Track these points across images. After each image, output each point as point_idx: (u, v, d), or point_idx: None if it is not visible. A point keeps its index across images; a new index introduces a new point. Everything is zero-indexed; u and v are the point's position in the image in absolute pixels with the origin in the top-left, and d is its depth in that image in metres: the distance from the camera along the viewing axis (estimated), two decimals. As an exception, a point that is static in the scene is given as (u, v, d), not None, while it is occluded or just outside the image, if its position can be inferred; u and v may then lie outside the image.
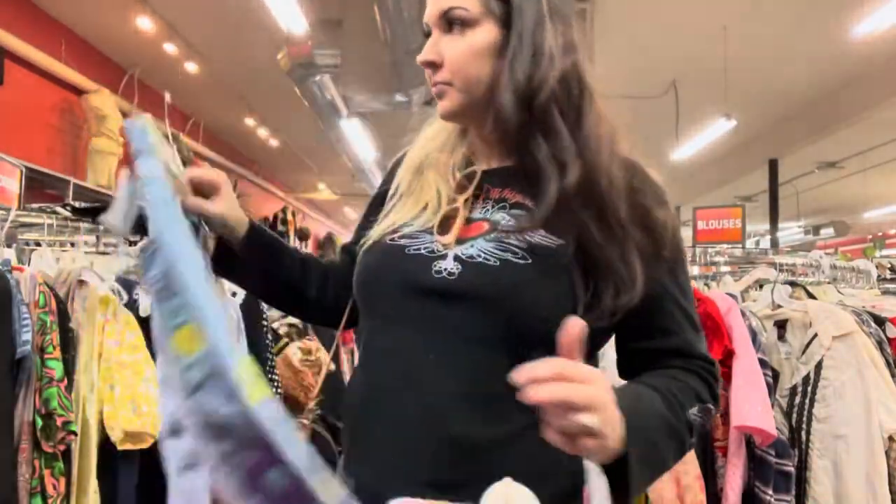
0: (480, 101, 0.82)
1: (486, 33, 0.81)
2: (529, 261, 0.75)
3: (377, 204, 0.93)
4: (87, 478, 1.47)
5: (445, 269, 0.76)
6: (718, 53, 5.38)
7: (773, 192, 8.03)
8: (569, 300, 0.75)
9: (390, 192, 0.90)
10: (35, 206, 1.77)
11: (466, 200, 0.84)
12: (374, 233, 0.85)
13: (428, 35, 0.84)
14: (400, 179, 0.89)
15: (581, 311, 0.74)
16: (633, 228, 0.77)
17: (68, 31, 5.23)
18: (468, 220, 0.82)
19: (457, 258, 0.77)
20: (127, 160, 1.47)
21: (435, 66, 0.82)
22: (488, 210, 0.83)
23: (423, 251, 0.78)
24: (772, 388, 1.50)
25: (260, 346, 2.04)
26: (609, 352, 1.57)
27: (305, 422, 1.12)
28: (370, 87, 3.97)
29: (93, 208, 1.69)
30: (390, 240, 0.82)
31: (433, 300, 0.76)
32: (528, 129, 0.79)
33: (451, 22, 0.81)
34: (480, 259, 0.76)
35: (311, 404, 1.15)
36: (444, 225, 0.81)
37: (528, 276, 0.75)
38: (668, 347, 0.80)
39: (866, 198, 10.37)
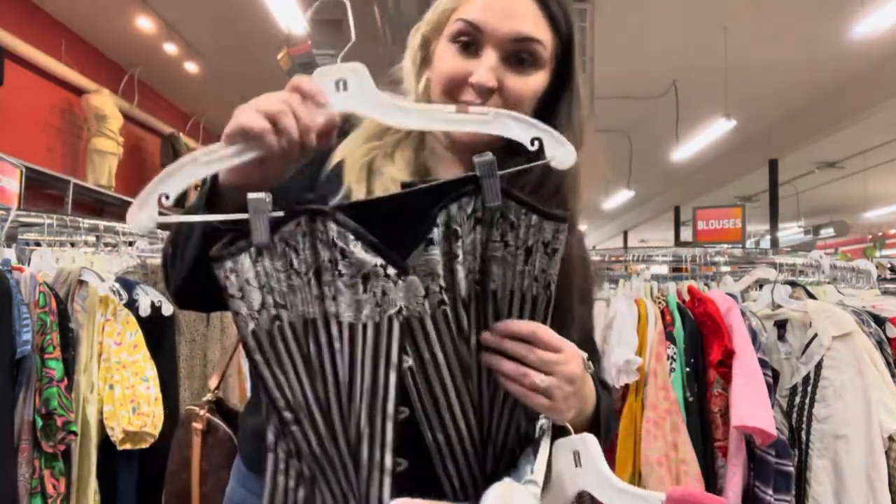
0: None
1: (544, 79, 0.79)
2: None
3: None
4: (87, 478, 1.47)
5: None
6: (718, 53, 5.38)
7: (773, 192, 8.03)
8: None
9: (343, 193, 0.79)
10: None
11: None
12: None
13: (465, 36, 0.77)
14: (351, 181, 0.79)
15: None
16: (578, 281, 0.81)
17: (68, 31, 5.23)
18: None
19: None
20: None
21: (490, 93, 0.76)
22: None
23: None
24: (772, 388, 1.50)
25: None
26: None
27: (200, 412, 1.06)
28: (370, 87, 3.98)
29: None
30: None
31: None
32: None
33: (520, 54, 0.76)
34: None
35: (212, 392, 1.10)
36: None
37: None
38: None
39: (866, 198, 10.38)
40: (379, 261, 0.59)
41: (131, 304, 1.60)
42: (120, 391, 1.49)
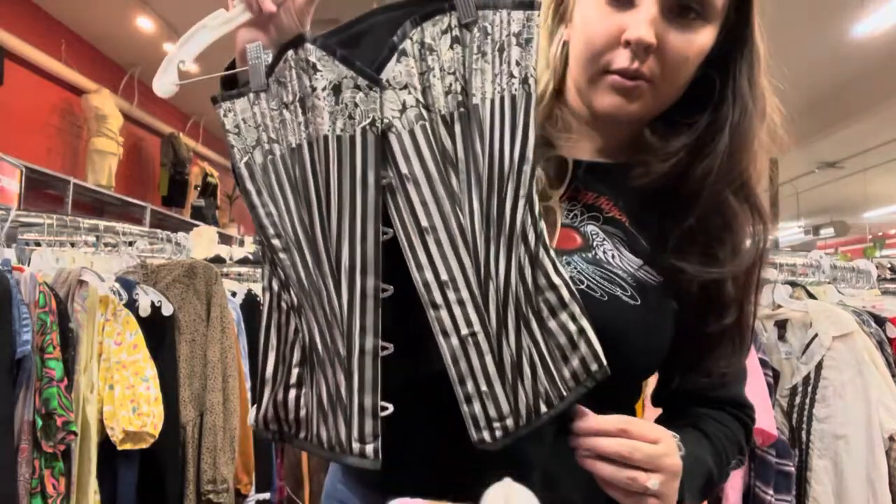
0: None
1: (712, 35, 0.66)
2: (638, 301, 0.65)
3: None
4: (87, 478, 1.47)
5: None
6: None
7: (773, 192, 8.03)
8: (662, 352, 0.68)
9: None
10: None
11: (560, 198, 0.69)
12: None
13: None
14: None
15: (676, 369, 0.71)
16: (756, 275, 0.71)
17: (68, 31, 5.23)
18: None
19: None
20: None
21: (647, 52, 0.63)
22: (577, 217, 0.70)
23: None
24: (772, 388, 1.50)
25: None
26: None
27: None
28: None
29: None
30: None
31: None
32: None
33: (688, 2, 0.63)
34: (584, 286, 0.65)
35: None
36: None
37: (636, 320, 0.65)
38: (724, 397, 0.78)
39: (866, 198, 10.37)
40: (349, 72, 0.59)
41: (131, 304, 1.60)
42: (120, 391, 1.49)
